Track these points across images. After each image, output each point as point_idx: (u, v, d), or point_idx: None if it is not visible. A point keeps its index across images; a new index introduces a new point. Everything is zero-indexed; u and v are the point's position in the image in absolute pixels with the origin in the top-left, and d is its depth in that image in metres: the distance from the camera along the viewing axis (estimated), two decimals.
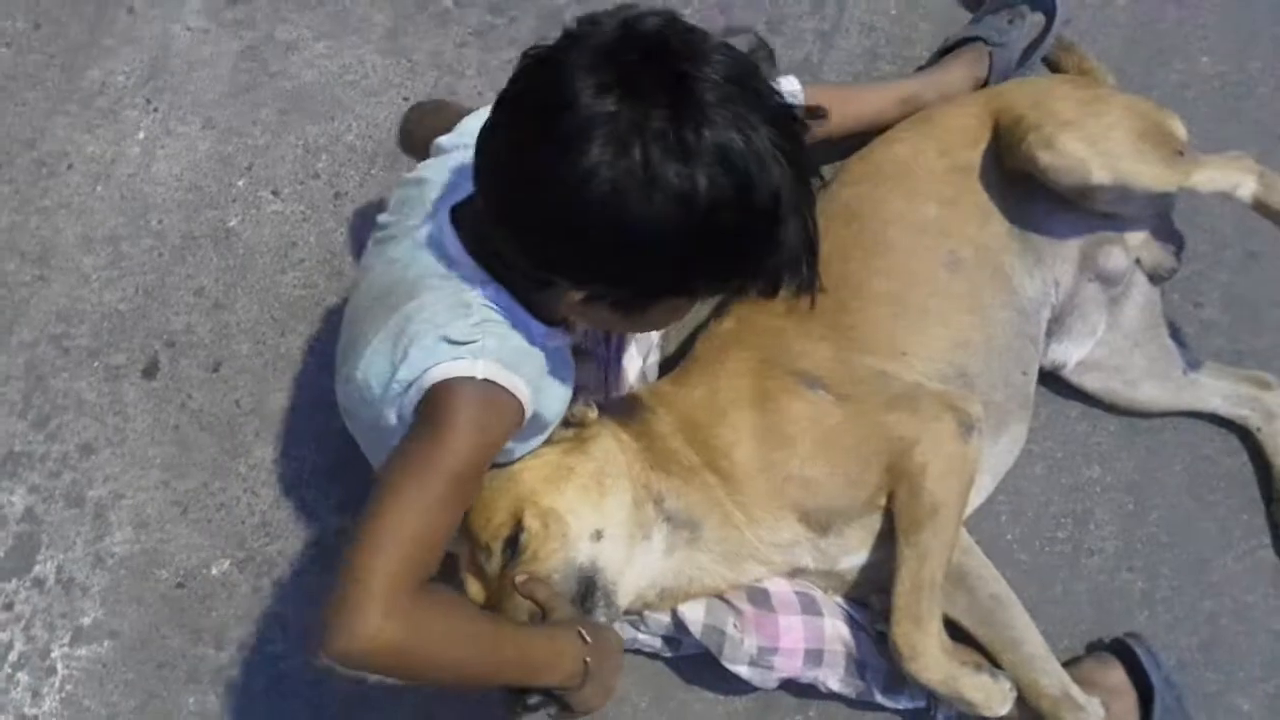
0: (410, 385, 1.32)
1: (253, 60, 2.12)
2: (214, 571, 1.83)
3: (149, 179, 2.05)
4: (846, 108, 1.87)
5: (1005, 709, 1.62)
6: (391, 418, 1.37)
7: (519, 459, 1.55)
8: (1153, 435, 1.96)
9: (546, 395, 1.46)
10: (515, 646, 1.35)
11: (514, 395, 1.34)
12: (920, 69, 2.09)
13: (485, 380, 1.31)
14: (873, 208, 1.78)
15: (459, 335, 1.32)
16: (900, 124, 1.89)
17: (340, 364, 1.50)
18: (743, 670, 1.65)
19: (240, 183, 2.05)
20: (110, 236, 2.01)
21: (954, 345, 1.71)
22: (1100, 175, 1.68)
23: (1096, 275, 1.84)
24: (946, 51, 2.06)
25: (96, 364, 1.94)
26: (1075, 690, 1.67)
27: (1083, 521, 1.91)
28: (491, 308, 1.36)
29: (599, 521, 1.54)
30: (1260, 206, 1.73)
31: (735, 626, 1.63)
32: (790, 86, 1.84)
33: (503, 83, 1.26)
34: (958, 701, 1.61)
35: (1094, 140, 1.69)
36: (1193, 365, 1.93)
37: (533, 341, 1.40)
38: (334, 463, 1.87)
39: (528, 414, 1.37)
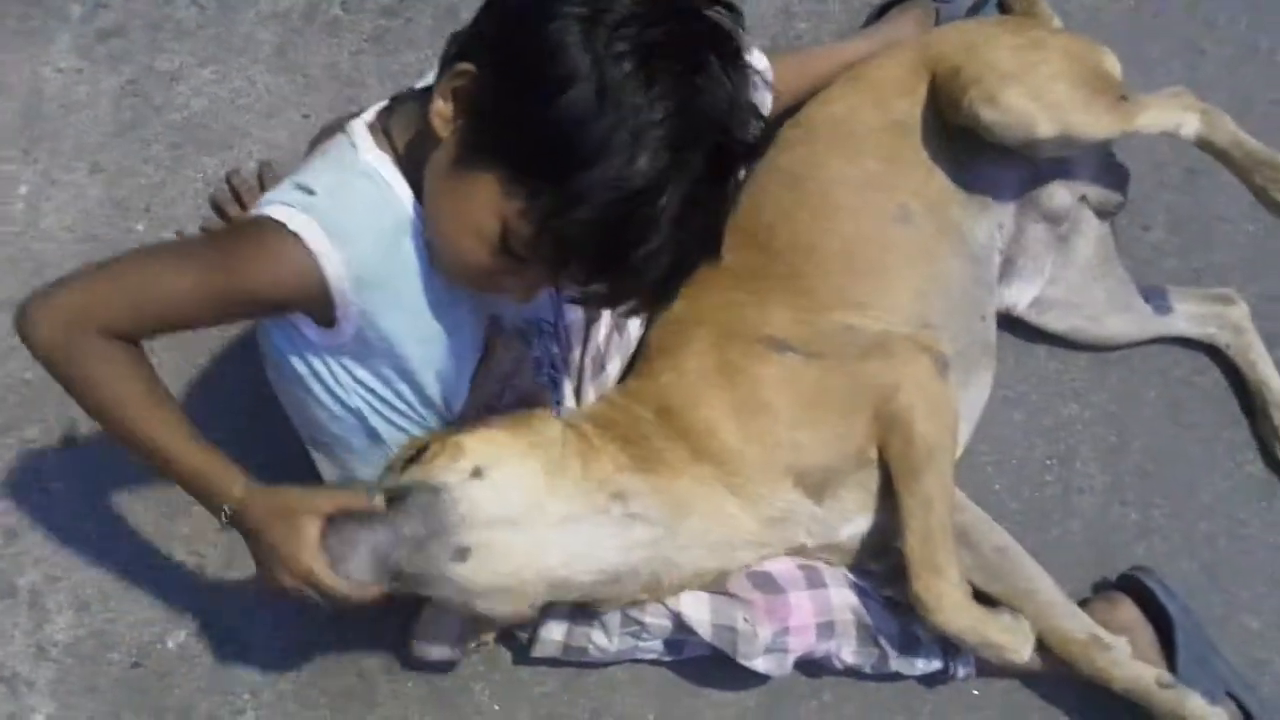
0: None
1: (135, 95, 1.98)
2: (170, 645, 1.70)
3: (39, 235, 1.90)
4: (804, 74, 1.82)
5: (1029, 651, 1.58)
6: None
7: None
8: (1124, 365, 1.93)
9: (395, 304, 1.36)
10: (154, 438, 1.32)
11: (317, 266, 1.27)
12: (866, 26, 2.02)
13: (294, 233, 1.26)
14: (814, 170, 1.72)
15: (303, 181, 1.30)
16: (833, 84, 1.82)
17: None
18: (759, 663, 1.57)
19: (140, 226, 1.91)
20: (4, 303, 1.85)
21: (914, 296, 1.66)
22: (1046, 129, 1.64)
23: (1042, 215, 1.80)
24: (889, 8, 2.00)
25: (9, 440, 1.79)
26: (1101, 631, 1.63)
27: (1068, 461, 1.87)
28: (367, 176, 1.32)
29: (487, 463, 1.41)
30: (1204, 143, 1.71)
31: (746, 620, 1.55)
32: (760, 63, 1.77)
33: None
34: (983, 648, 1.56)
35: (1037, 93, 1.64)
36: (1152, 292, 1.91)
37: (400, 230, 1.33)
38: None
39: (336, 297, 1.29)
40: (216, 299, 1.29)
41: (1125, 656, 1.61)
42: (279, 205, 1.28)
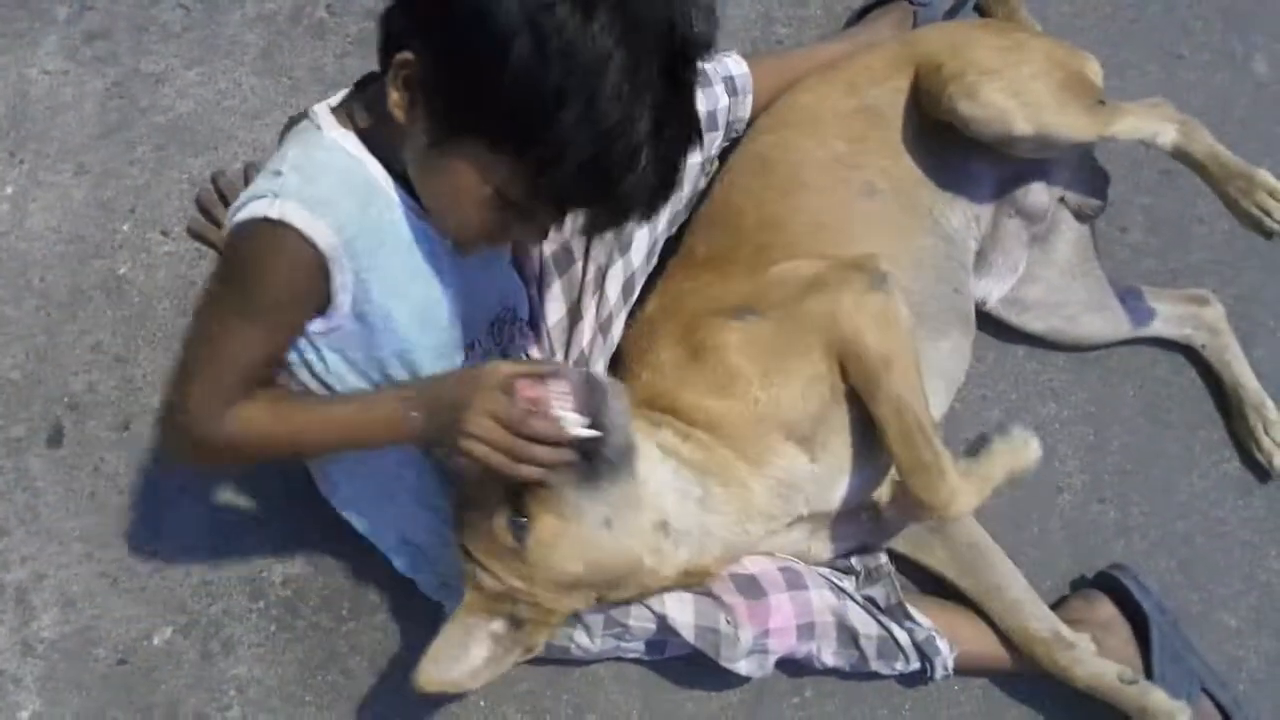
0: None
1: (120, 97, 1.98)
2: (156, 642, 1.70)
3: (24, 235, 1.90)
4: (783, 77, 1.84)
5: (1037, 450, 1.64)
6: None
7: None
8: (1101, 364, 1.95)
9: (387, 269, 1.36)
10: (337, 421, 1.36)
11: (308, 240, 1.27)
12: (846, 29, 2.05)
13: (279, 221, 1.26)
14: (782, 153, 1.75)
15: (271, 167, 1.31)
16: (805, 78, 1.84)
17: None
18: (741, 665, 1.59)
19: (125, 227, 1.91)
20: None
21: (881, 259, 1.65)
22: (1022, 127, 1.66)
23: (1018, 212, 1.82)
24: (868, 11, 2.02)
25: None
26: (1065, 629, 1.65)
27: (1047, 459, 1.85)
28: (330, 149, 1.33)
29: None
30: (1180, 154, 1.74)
31: (728, 622, 1.56)
32: (739, 69, 1.82)
33: None
34: (1006, 487, 1.61)
35: (1016, 91, 1.67)
36: (1129, 293, 1.93)
37: (372, 191, 1.34)
38: (269, 507, 1.75)
39: (333, 266, 1.30)
40: (265, 328, 1.32)
41: (1088, 654, 1.64)
42: (252, 203, 1.28)
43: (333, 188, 1.31)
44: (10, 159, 1.95)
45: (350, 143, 1.34)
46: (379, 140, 1.33)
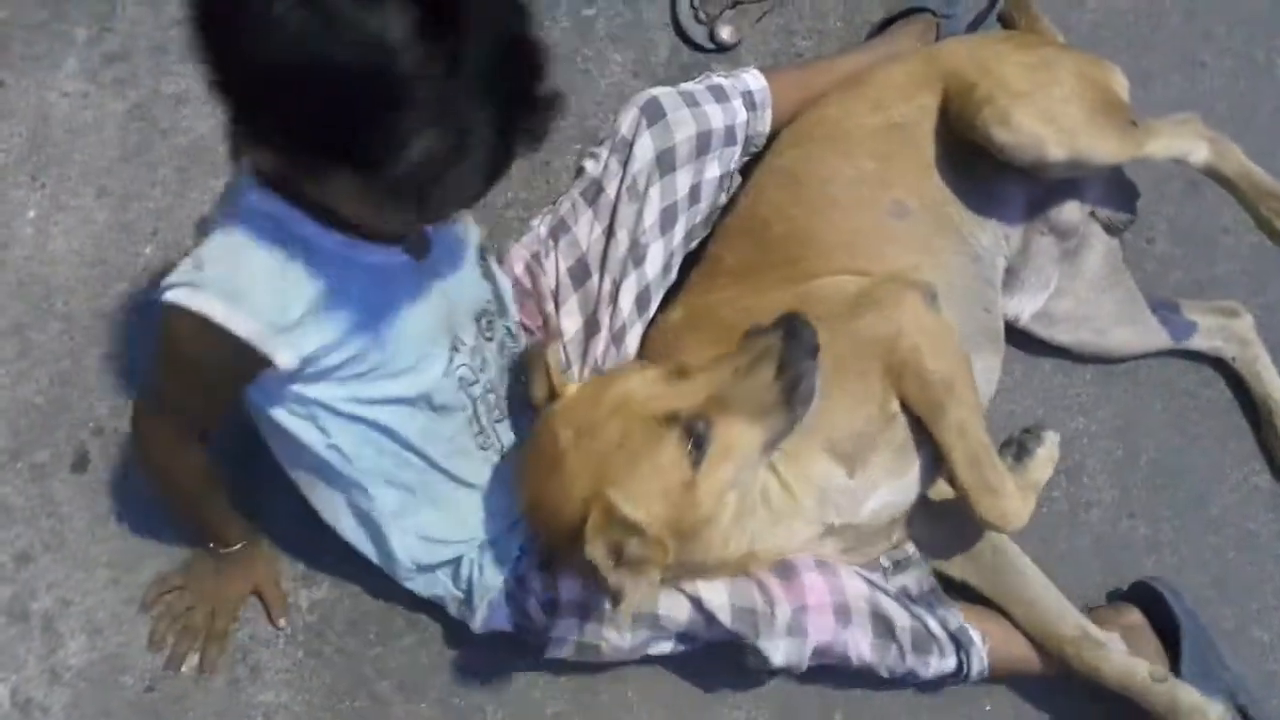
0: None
1: (141, 119, 1.98)
2: (184, 668, 1.69)
3: (46, 259, 1.90)
4: (804, 91, 1.83)
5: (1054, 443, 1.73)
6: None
7: None
8: (1128, 378, 1.94)
9: (338, 316, 1.37)
10: (192, 513, 1.63)
11: (226, 330, 1.30)
12: (868, 40, 2.03)
13: (194, 313, 1.30)
14: (810, 168, 1.74)
15: (197, 254, 1.34)
16: (830, 91, 1.82)
17: None
18: (780, 647, 1.57)
19: (147, 250, 1.91)
20: (14, 327, 1.86)
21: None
22: (1056, 153, 1.65)
23: (1050, 229, 1.80)
24: (890, 23, 2.01)
25: (19, 465, 1.78)
26: (1093, 628, 1.65)
27: (1075, 475, 1.88)
28: (249, 219, 1.33)
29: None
30: (1212, 172, 1.74)
31: (764, 601, 1.56)
32: (757, 84, 1.81)
33: None
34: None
35: (1050, 117, 1.66)
36: (1158, 305, 1.91)
37: (313, 253, 1.34)
38: (292, 530, 1.74)
39: (260, 343, 1.31)
40: (198, 392, 1.44)
41: (1118, 653, 1.63)
42: (176, 289, 1.31)
43: (252, 277, 1.32)
44: (32, 183, 1.94)
45: (272, 204, 1.33)
46: (282, 181, 1.33)
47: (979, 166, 1.71)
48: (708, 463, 1.37)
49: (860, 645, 1.62)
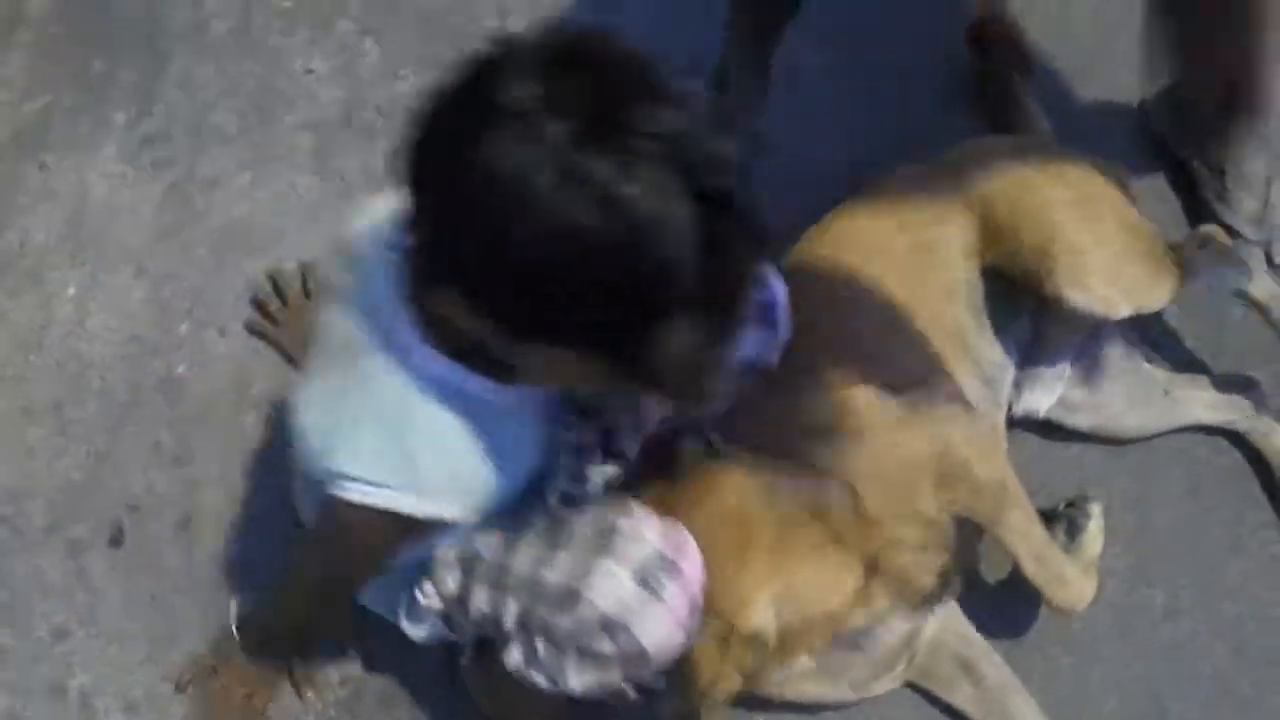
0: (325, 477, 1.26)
1: (177, 200, 2.05)
2: None
3: (85, 337, 1.95)
4: None
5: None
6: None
7: None
8: (1142, 448, 1.95)
9: (508, 473, 1.29)
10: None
11: (409, 516, 1.24)
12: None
13: (384, 510, 1.23)
14: (838, 278, 1.73)
15: (377, 475, 1.22)
16: (854, 202, 1.83)
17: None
18: None
19: (183, 327, 1.96)
20: (52, 404, 1.91)
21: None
22: (1124, 310, 1.70)
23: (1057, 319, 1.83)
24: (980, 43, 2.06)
25: (56, 540, 1.83)
26: None
27: None
28: (427, 379, 1.20)
29: None
30: (1241, 295, 1.85)
31: None
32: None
33: None
34: None
35: (1115, 278, 1.69)
36: (1170, 382, 1.94)
37: (488, 420, 1.23)
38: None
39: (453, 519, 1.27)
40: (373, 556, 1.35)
41: None
42: (383, 492, 1.23)
43: (460, 472, 1.25)
44: (72, 261, 2.01)
45: (443, 368, 1.20)
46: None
47: (1012, 304, 1.75)
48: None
49: None
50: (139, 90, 2.12)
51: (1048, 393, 1.87)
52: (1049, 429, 1.92)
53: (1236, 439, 1.96)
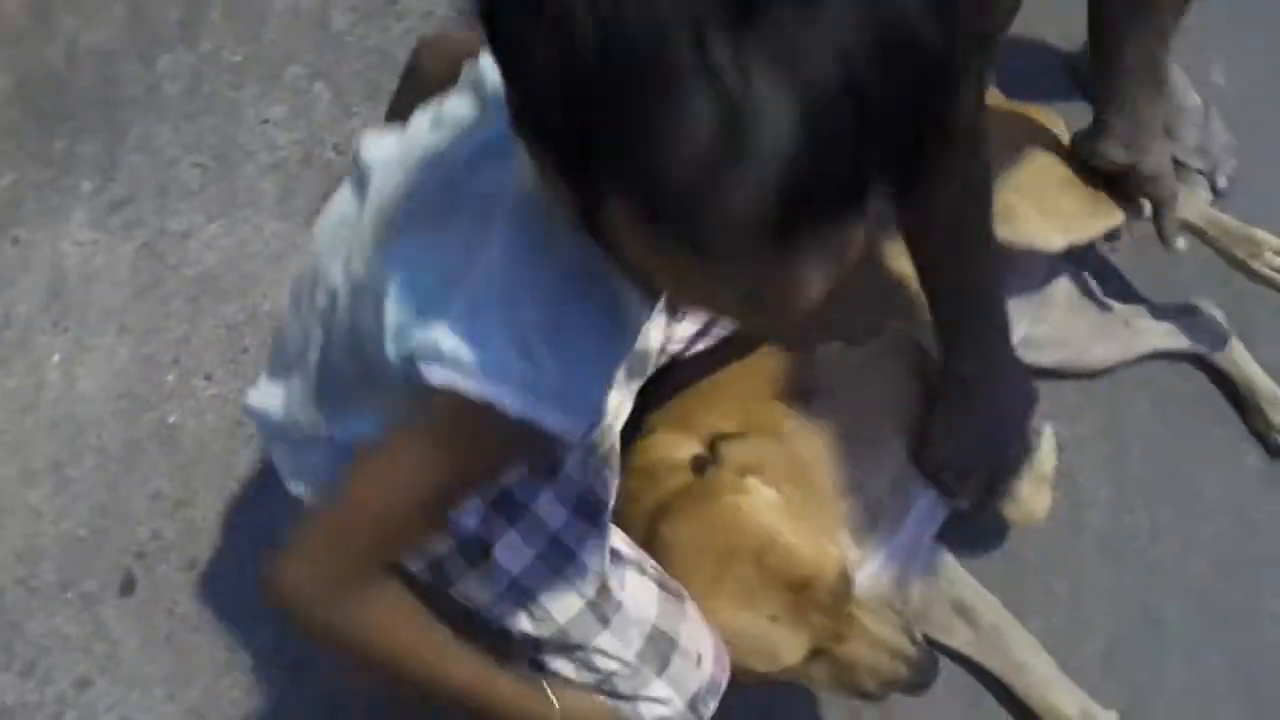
0: (416, 363, 0.96)
1: (150, 258, 2.10)
2: None
3: (76, 398, 2.01)
4: None
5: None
6: (388, 361, 1.01)
7: None
8: (1110, 379, 2.02)
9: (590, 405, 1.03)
10: (466, 674, 1.16)
11: (546, 432, 0.95)
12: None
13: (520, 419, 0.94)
14: None
15: (522, 343, 0.93)
16: None
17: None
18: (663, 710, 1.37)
19: (170, 378, 2.02)
20: (51, 465, 1.96)
21: None
22: (1059, 242, 1.79)
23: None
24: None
25: (69, 595, 1.87)
26: (1093, 705, 1.71)
27: (1071, 480, 1.95)
28: (573, 267, 0.93)
29: None
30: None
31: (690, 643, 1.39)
32: None
33: None
34: None
35: (1050, 210, 1.78)
36: (1129, 312, 2.00)
37: (625, 324, 1.01)
38: None
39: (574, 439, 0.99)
40: (471, 487, 1.10)
41: None
42: (504, 388, 0.92)
43: (588, 378, 0.98)
44: (55, 328, 2.06)
45: (593, 251, 0.87)
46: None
47: None
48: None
49: None
50: (101, 158, 2.18)
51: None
52: None
53: (1197, 361, 2.02)
